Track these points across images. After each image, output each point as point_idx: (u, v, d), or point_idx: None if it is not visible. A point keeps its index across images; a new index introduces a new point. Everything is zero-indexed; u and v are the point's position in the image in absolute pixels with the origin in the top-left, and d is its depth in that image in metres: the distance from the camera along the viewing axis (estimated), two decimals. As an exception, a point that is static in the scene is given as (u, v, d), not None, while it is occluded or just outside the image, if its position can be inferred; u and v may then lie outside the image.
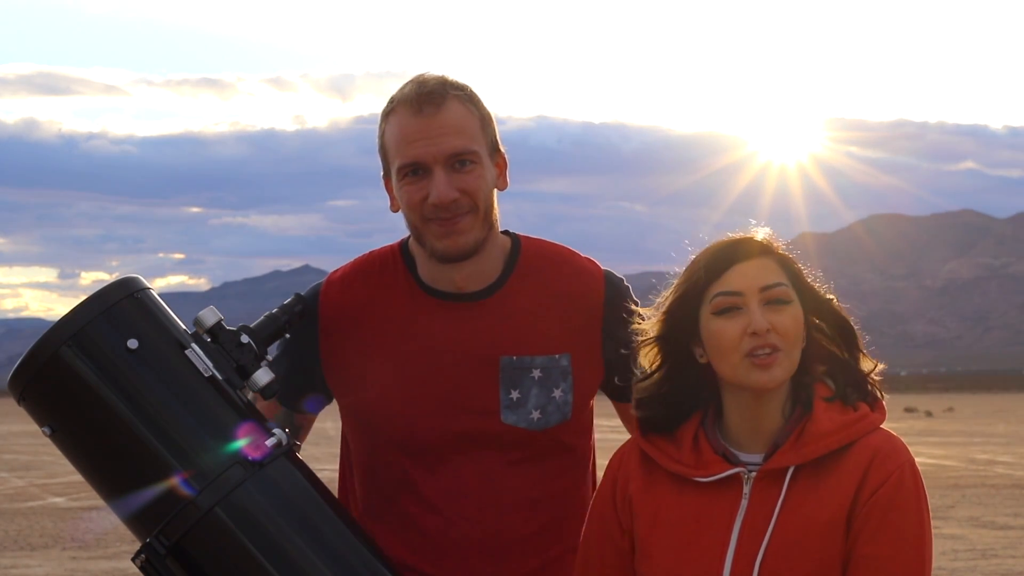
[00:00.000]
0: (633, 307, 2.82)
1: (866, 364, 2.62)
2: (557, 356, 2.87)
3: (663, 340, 2.62)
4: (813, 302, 2.59)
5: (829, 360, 2.60)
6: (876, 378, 2.62)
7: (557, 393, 2.87)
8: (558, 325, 2.89)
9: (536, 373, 2.85)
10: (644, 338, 2.64)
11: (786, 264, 2.58)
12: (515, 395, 2.84)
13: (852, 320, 2.63)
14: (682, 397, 2.62)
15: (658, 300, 2.64)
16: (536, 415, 2.85)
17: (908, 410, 53.81)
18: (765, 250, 2.58)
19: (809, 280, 2.61)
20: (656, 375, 2.63)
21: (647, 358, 2.65)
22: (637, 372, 2.67)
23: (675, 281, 2.61)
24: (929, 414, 52.32)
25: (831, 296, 2.63)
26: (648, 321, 2.64)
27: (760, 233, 2.61)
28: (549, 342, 2.87)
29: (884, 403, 2.61)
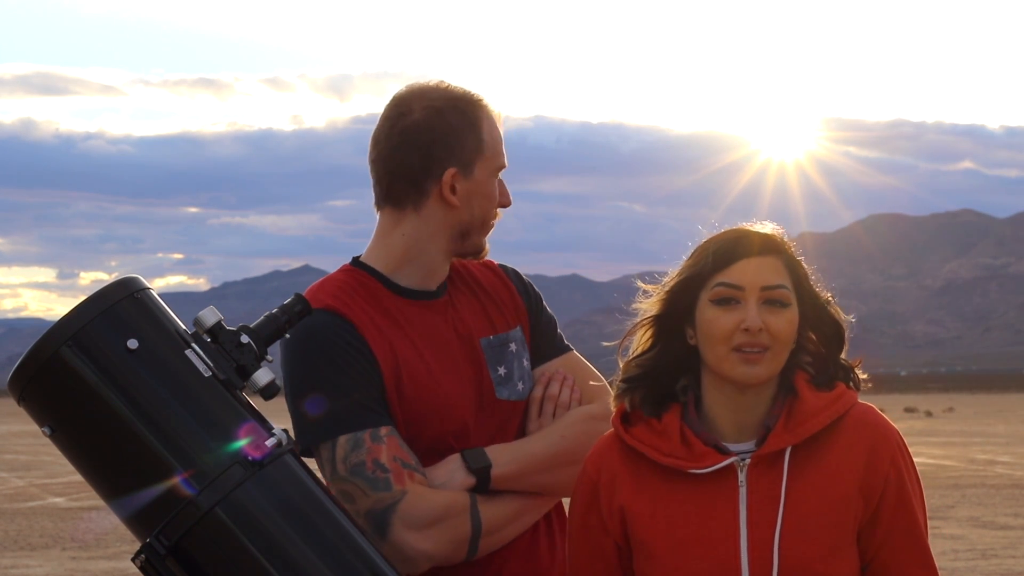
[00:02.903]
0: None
1: (847, 360, 2.68)
2: (516, 328, 3.06)
3: (660, 319, 2.66)
4: (812, 306, 2.63)
5: (814, 353, 2.65)
6: (859, 372, 2.69)
7: (525, 362, 3.05)
8: (503, 305, 3.08)
9: (512, 346, 3.03)
10: (642, 317, 2.68)
11: (792, 266, 2.62)
12: (502, 371, 3.00)
13: (845, 324, 2.68)
14: (666, 377, 2.65)
15: (664, 280, 2.68)
16: (521, 385, 3.02)
17: (908, 410, 53.81)
18: (775, 249, 2.61)
19: (811, 283, 2.65)
20: (647, 354, 2.67)
21: (641, 336, 2.69)
22: (621, 358, 2.73)
23: (682, 263, 2.65)
24: (929, 414, 52.33)
25: (830, 298, 2.67)
26: (649, 300, 2.69)
27: (769, 229, 2.65)
28: (504, 319, 3.06)
29: (858, 389, 2.69)
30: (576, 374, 3.07)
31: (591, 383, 3.06)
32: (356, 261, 3.02)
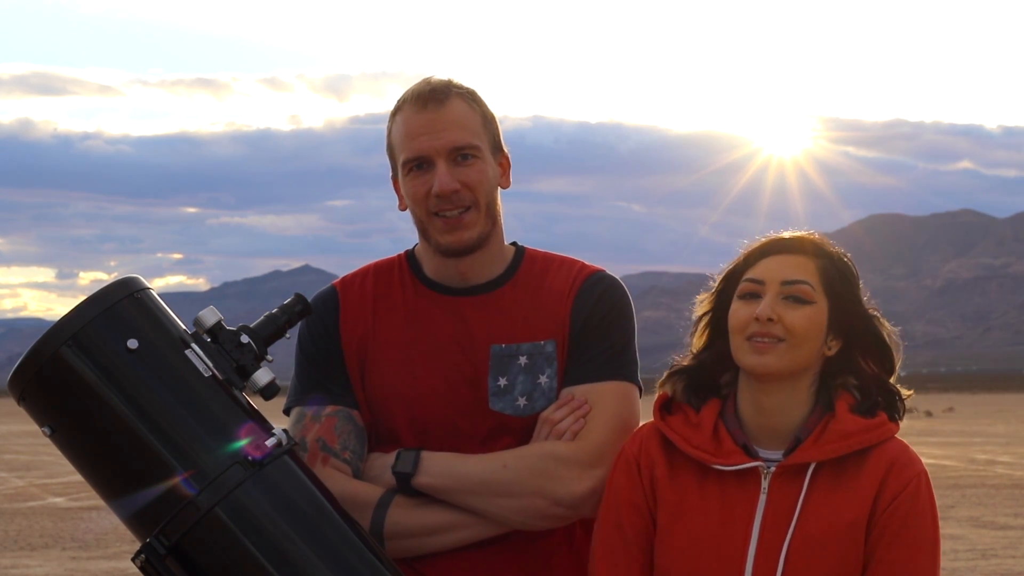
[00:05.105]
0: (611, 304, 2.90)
1: (899, 387, 2.70)
2: (542, 343, 2.94)
3: (710, 316, 2.71)
4: (848, 313, 2.64)
5: (860, 375, 2.66)
6: (905, 398, 2.70)
7: (543, 379, 2.93)
8: (546, 317, 2.96)
9: (523, 360, 2.93)
10: (697, 316, 2.75)
11: (826, 269, 2.63)
12: (502, 382, 2.92)
13: (894, 345, 2.69)
14: (709, 370, 2.70)
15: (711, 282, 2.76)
16: (522, 401, 2.92)
17: (908, 410, 53.70)
18: (806, 249, 2.65)
19: (854, 289, 2.66)
20: (704, 352, 2.72)
21: (698, 336, 2.74)
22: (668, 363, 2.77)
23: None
24: (929, 414, 52.27)
25: (875, 313, 2.68)
26: (700, 302, 2.75)
27: (815, 235, 2.69)
28: (536, 331, 2.95)
29: (900, 421, 2.69)
30: (597, 406, 2.85)
31: (598, 419, 2.84)
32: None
